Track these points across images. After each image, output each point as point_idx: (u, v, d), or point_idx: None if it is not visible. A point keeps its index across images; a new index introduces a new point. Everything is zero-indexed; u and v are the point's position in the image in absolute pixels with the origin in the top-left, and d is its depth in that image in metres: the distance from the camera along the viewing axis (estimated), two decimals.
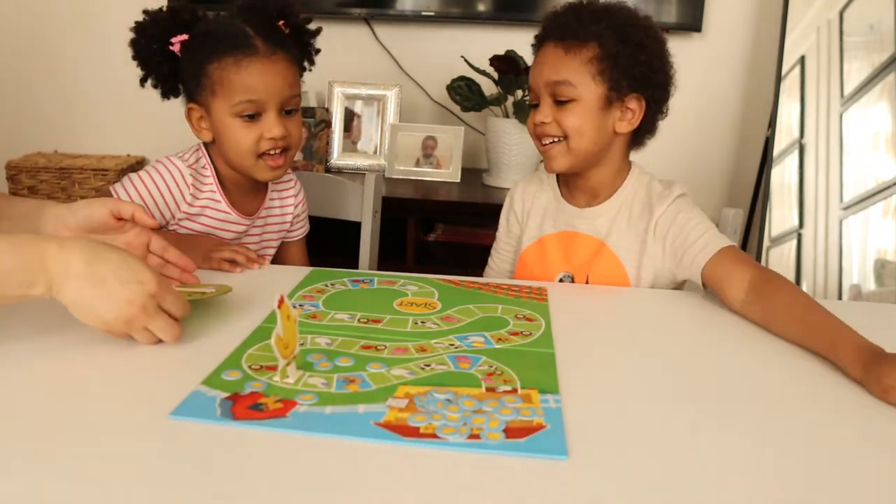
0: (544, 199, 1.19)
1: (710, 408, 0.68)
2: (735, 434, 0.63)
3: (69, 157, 2.29)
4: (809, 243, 1.84)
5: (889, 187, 1.79)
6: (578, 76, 1.04)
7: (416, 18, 2.22)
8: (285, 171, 1.15)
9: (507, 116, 2.01)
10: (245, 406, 0.63)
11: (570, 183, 1.15)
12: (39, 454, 0.55)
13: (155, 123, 2.41)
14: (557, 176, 1.18)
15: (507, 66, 1.91)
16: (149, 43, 1.07)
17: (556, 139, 1.06)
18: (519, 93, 1.97)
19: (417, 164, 2.15)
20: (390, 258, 1.57)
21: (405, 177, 2.13)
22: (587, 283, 1.11)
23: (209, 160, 1.14)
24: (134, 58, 1.09)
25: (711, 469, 0.57)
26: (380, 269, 1.32)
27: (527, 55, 1.97)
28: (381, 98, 2.20)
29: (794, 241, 1.85)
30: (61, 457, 0.54)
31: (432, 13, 2.18)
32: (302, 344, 0.76)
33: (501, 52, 1.96)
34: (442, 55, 2.17)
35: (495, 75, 1.96)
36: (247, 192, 1.18)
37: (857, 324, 0.95)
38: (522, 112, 1.93)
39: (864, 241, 1.80)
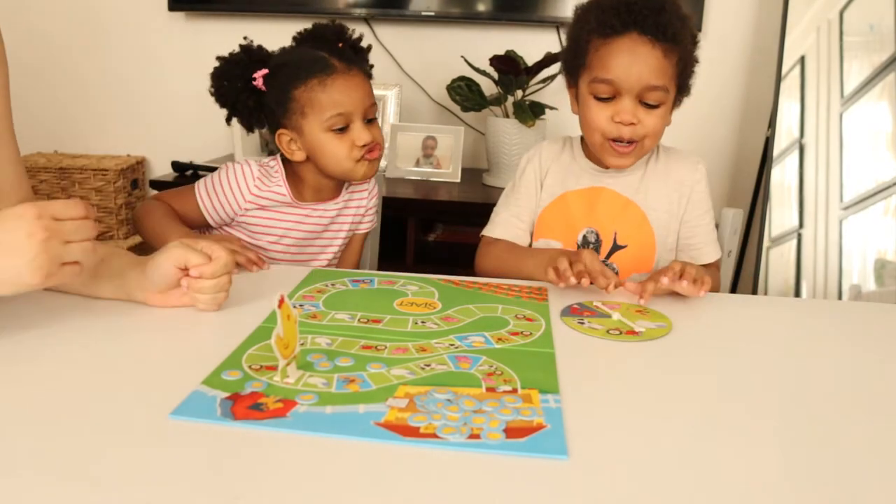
0: (566, 158, 1.18)
1: (711, 408, 0.68)
2: (735, 435, 0.63)
3: (69, 157, 2.30)
4: (809, 243, 1.84)
5: (889, 187, 1.79)
6: (671, 82, 1.04)
7: (416, 18, 2.22)
8: (377, 168, 1.22)
9: (507, 116, 2.01)
10: (245, 406, 0.63)
11: None
12: (38, 454, 0.55)
13: (155, 123, 2.42)
14: (582, 138, 1.18)
15: (507, 66, 1.92)
16: (233, 83, 1.17)
17: (631, 141, 1.06)
18: (519, 93, 1.97)
19: (417, 164, 2.15)
20: (390, 258, 1.57)
21: (405, 177, 2.13)
22: (615, 240, 1.12)
23: (281, 165, 1.22)
24: (218, 100, 1.18)
25: (711, 470, 0.57)
26: (380, 268, 1.32)
27: (527, 55, 1.99)
28: (381, 98, 2.20)
29: (794, 241, 1.85)
30: (60, 457, 0.54)
31: (432, 13, 2.18)
32: (302, 344, 0.76)
33: (501, 52, 1.96)
34: (442, 55, 2.17)
35: (495, 75, 1.96)
36: (323, 192, 1.24)
37: (856, 324, 0.96)
38: (522, 112, 1.93)
39: (864, 241, 1.80)
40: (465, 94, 2.02)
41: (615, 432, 0.62)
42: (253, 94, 1.17)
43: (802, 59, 1.88)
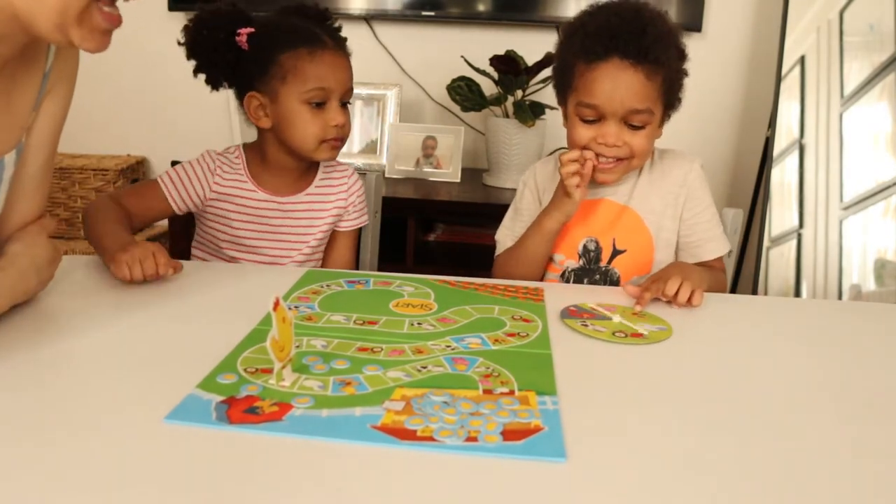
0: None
1: (710, 409, 0.68)
2: (734, 436, 0.63)
3: (69, 157, 2.29)
4: (809, 243, 1.83)
5: (889, 187, 1.78)
6: (655, 103, 1.05)
7: (416, 18, 2.22)
8: (338, 153, 1.21)
9: (507, 116, 2.01)
10: (241, 410, 0.62)
11: None
12: (32, 459, 0.54)
13: (155, 123, 2.42)
14: None
15: (507, 66, 1.91)
16: (213, 34, 1.12)
17: (619, 159, 1.07)
18: (519, 93, 1.97)
19: (417, 164, 2.15)
20: (390, 258, 1.56)
21: (405, 177, 2.13)
22: (614, 246, 1.13)
23: (242, 151, 1.22)
24: (190, 49, 1.14)
25: (711, 472, 0.57)
26: (380, 269, 1.32)
27: (527, 55, 1.99)
28: (381, 98, 2.20)
29: (794, 241, 1.85)
30: (54, 462, 0.54)
31: (432, 13, 2.18)
32: (297, 346, 0.76)
33: (501, 52, 1.95)
34: (442, 55, 2.17)
35: (495, 75, 1.96)
36: (293, 176, 1.22)
37: (857, 324, 0.96)
38: (522, 112, 1.92)
39: (864, 241, 1.80)
40: (465, 94, 2.02)
41: (613, 434, 0.62)
42: (232, 49, 1.13)
43: (802, 59, 1.87)
